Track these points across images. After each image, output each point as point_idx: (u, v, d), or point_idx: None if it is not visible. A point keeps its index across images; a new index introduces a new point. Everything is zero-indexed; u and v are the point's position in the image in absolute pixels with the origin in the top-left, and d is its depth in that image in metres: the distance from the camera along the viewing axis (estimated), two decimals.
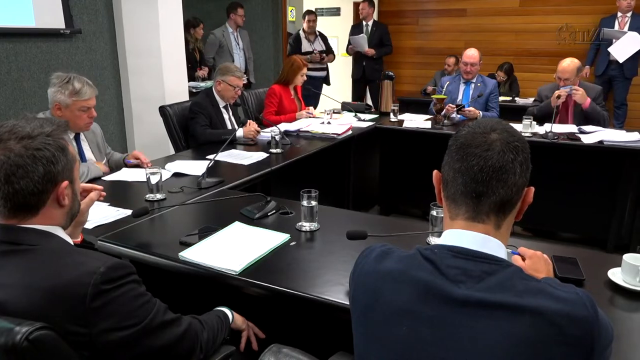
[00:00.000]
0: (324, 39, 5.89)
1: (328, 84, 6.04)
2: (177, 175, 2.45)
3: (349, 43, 6.19)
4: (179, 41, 4.12)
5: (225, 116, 3.36)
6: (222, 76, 3.27)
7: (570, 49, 5.83)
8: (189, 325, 1.17)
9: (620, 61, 5.34)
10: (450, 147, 0.96)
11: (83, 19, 3.73)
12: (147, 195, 2.10)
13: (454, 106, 3.89)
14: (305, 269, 1.52)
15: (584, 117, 3.71)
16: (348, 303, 1.03)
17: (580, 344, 0.80)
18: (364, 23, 6.21)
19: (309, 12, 5.83)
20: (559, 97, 3.65)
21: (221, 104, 3.33)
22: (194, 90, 4.72)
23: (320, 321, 1.58)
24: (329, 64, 5.99)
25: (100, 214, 1.90)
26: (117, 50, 4.00)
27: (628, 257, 1.41)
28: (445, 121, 3.84)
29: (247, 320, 1.47)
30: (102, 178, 2.40)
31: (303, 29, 5.78)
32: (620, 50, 5.33)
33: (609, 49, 5.39)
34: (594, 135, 3.34)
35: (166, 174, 2.41)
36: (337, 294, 1.36)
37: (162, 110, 3.33)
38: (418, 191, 2.59)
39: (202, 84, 4.99)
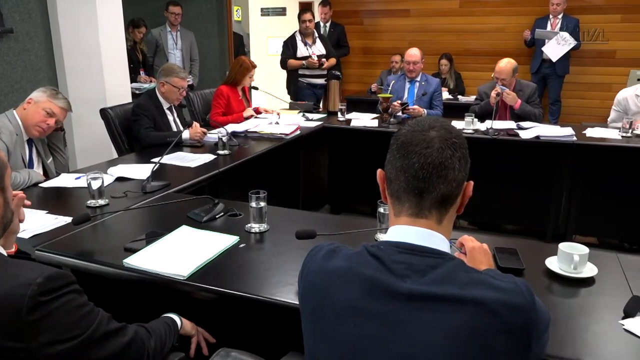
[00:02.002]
0: (324, 40, 5.35)
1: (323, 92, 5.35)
2: (120, 179, 2.37)
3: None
4: (119, 41, 3.98)
5: (170, 118, 3.28)
6: (165, 77, 3.19)
7: (510, 48, 6.05)
8: (135, 333, 1.13)
9: (554, 60, 5.62)
10: (392, 145, 0.99)
11: (15, 17, 3.54)
12: (89, 202, 2.02)
13: (398, 104, 3.96)
14: (255, 271, 1.51)
15: (519, 115, 3.89)
16: (298, 303, 1.03)
17: (519, 331, 0.84)
18: (321, 24, 6.22)
19: (304, 10, 5.16)
20: (497, 94, 3.80)
21: (165, 105, 3.25)
22: (137, 92, 4.58)
23: (271, 322, 1.57)
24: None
25: (38, 222, 1.81)
26: (54, 51, 3.82)
27: (563, 246, 1.49)
28: (392, 119, 3.91)
29: (197, 326, 1.44)
30: (40, 185, 2.30)
31: (299, 30, 5.18)
32: (554, 50, 5.61)
33: (543, 49, 5.66)
34: (531, 130, 3.50)
35: (108, 178, 2.32)
36: (288, 294, 1.36)
37: (103, 112, 3.21)
38: (367, 189, 2.62)
39: (146, 85, 4.85)
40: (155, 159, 2.49)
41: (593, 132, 3.52)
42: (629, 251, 3.44)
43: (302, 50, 5.15)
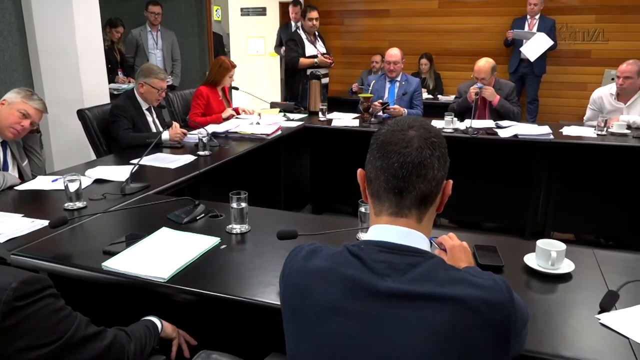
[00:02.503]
0: (323, 39, 5.20)
1: (327, 91, 5.20)
2: (98, 181, 2.34)
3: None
4: (97, 41, 3.92)
5: (149, 119, 3.24)
6: (144, 78, 3.15)
7: (489, 48, 6.13)
8: (115, 337, 1.12)
9: (532, 60, 5.70)
10: (372, 145, 0.99)
11: None
12: (66, 204, 1.98)
13: (379, 103, 3.98)
14: (237, 272, 1.50)
15: (498, 113, 3.93)
16: (280, 303, 1.03)
17: (498, 328, 0.85)
18: (292, 24, 6.20)
19: (310, 8, 4.92)
20: (476, 94, 3.84)
21: (144, 106, 3.21)
22: (115, 92, 4.52)
23: (253, 324, 1.57)
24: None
25: (13, 226, 1.77)
26: (29, 51, 3.75)
27: (541, 243, 1.51)
28: (373, 119, 3.93)
29: (178, 328, 1.43)
30: (16, 188, 2.25)
31: (303, 29, 4.97)
32: (531, 50, 5.69)
33: (521, 49, 5.74)
34: (509, 129, 3.55)
35: (86, 180, 2.29)
36: (270, 295, 1.35)
37: (81, 113, 3.16)
38: (348, 189, 2.62)
39: (124, 86, 4.79)
40: (135, 161, 2.46)
41: (569, 131, 3.59)
42: (604, 247, 3.51)
43: (309, 49, 4.92)
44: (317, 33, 5.09)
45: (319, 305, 0.90)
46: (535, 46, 5.69)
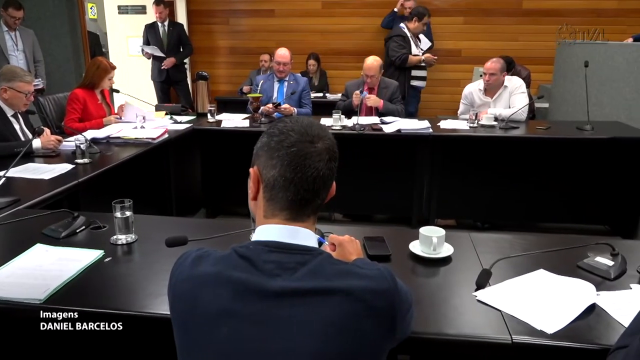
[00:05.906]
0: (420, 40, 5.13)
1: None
2: None
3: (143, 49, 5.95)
4: None
5: (16, 126, 2.94)
6: (7, 82, 2.84)
7: (371, 47, 6.39)
8: None
9: None
10: (278, 150, 0.95)
11: None
12: None
13: (272, 107, 3.99)
14: (123, 285, 1.42)
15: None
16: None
17: (384, 314, 0.89)
18: (159, 24, 5.99)
19: (428, 13, 4.88)
20: (362, 92, 4.00)
21: (9, 112, 2.91)
22: None
23: (145, 337, 1.49)
24: None
25: None
26: None
27: (423, 230, 1.61)
28: (263, 119, 3.93)
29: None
30: None
31: (409, 29, 4.95)
32: None
33: None
34: (393, 125, 3.74)
35: None
36: (160, 306, 1.29)
37: None
38: (242, 190, 2.59)
39: None
40: (0, 173, 2.23)
41: (446, 124, 3.86)
42: (481, 229, 3.84)
43: (414, 49, 4.92)
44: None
45: (209, 312, 0.88)
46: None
